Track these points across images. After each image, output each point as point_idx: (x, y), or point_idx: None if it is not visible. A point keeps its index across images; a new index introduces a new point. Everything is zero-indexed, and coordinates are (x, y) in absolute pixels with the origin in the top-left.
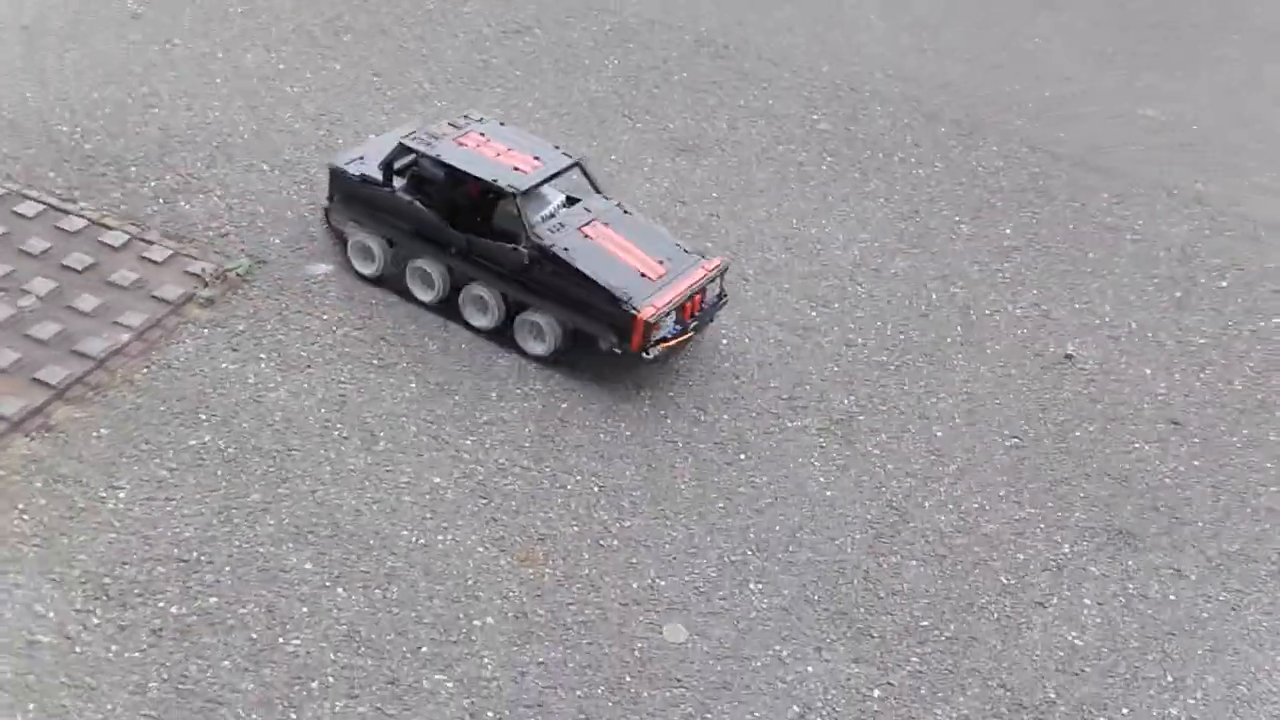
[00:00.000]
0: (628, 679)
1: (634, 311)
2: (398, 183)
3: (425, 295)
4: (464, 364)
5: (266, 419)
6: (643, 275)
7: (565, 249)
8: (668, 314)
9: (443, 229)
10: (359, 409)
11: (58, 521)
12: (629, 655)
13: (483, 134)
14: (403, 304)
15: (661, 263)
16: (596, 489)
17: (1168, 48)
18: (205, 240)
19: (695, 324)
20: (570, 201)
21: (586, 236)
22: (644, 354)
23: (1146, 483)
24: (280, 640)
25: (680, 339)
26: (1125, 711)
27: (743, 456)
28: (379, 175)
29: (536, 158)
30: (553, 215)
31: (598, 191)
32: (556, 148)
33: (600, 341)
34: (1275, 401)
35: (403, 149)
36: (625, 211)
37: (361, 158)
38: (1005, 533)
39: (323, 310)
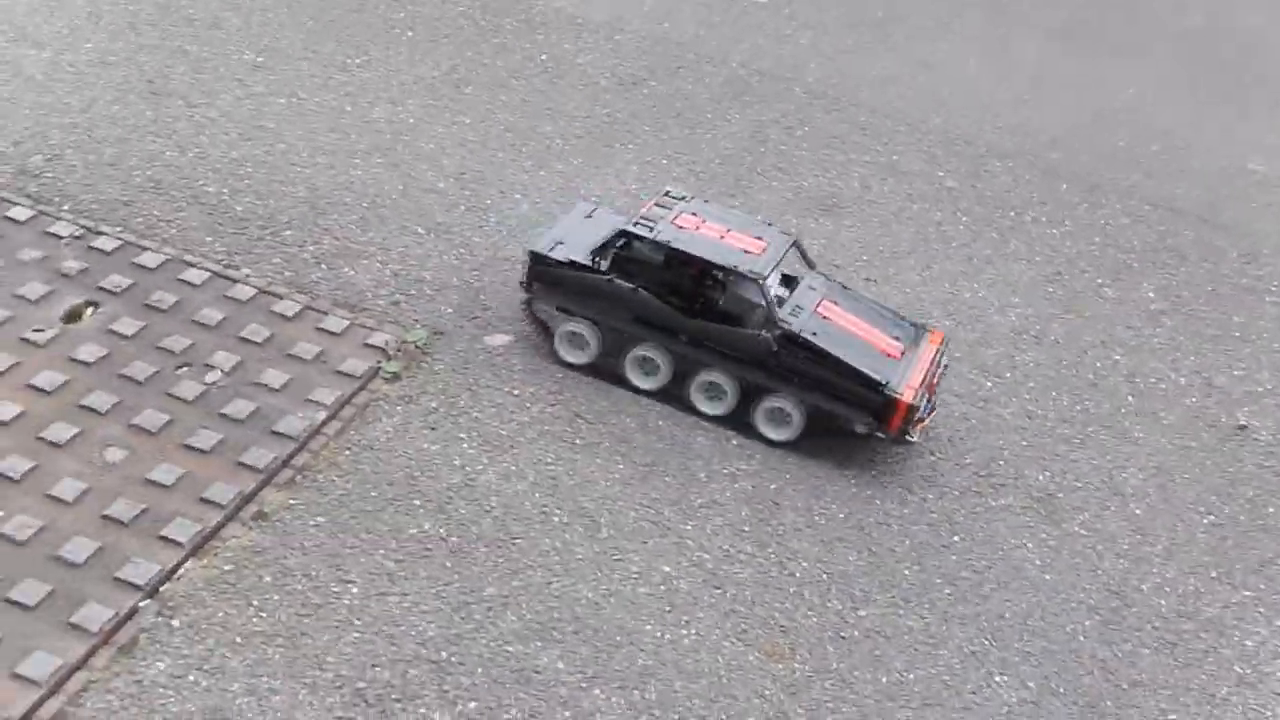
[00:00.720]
0: None
1: (896, 395)
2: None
3: (647, 383)
4: (666, 442)
5: (483, 505)
6: (886, 354)
7: (813, 333)
8: (924, 395)
9: (673, 316)
10: (573, 493)
11: (296, 620)
12: None
13: (694, 213)
14: (587, 378)
15: (896, 338)
16: (824, 576)
17: (1259, 97)
18: (378, 309)
19: (937, 399)
20: (786, 279)
21: (824, 318)
22: (907, 438)
23: None
24: None
25: (931, 416)
26: None
27: (956, 539)
28: (585, 259)
29: (758, 237)
30: (782, 297)
31: (812, 267)
32: (770, 224)
33: (855, 425)
34: None
35: (624, 235)
36: (844, 288)
37: (561, 241)
38: (1226, 617)
39: (512, 386)
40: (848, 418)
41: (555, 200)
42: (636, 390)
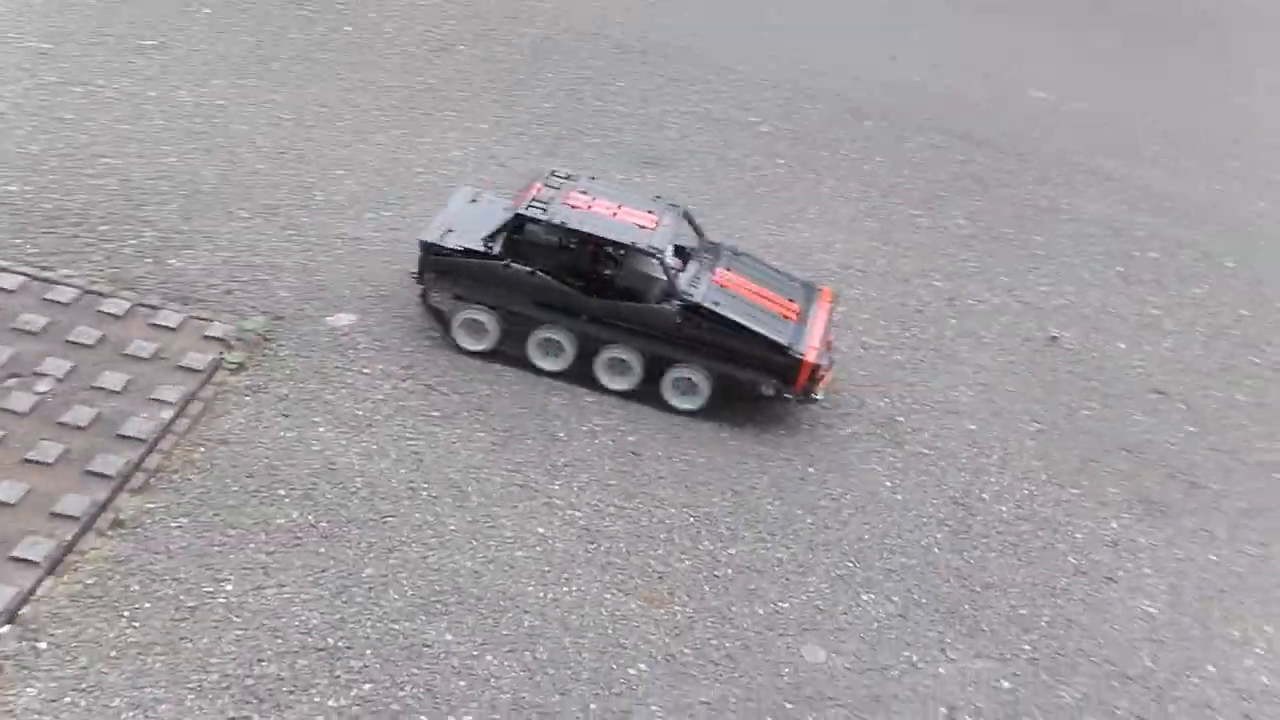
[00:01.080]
0: (789, 705)
1: (800, 356)
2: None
3: (552, 365)
4: (522, 405)
5: (348, 487)
6: (785, 316)
7: (715, 303)
8: (826, 352)
9: (573, 296)
10: (437, 465)
11: (173, 625)
12: (781, 682)
13: (584, 191)
14: (438, 349)
15: (791, 300)
16: (692, 519)
17: (1042, 30)
18: (212, 299)
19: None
20: (679, 250)
21: (723, 286)
22: (811, 396)
23: (1157, 453)
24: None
25: (830, 370)
26: (1211, 669)
27: (811, 470)
28: (478, 246)
29: (649, 211)
30: (679, 269)
31: (701, 236)
32: (658, 197)
33: (762, 387)
34: (1231, 364)
35: (520, 219)
36: (735, 253)
37: (450, 229)
38: (1058, 515)
39: (361, 364)
40: (755, 382)
41: (379, 173)
42: (541, 373)
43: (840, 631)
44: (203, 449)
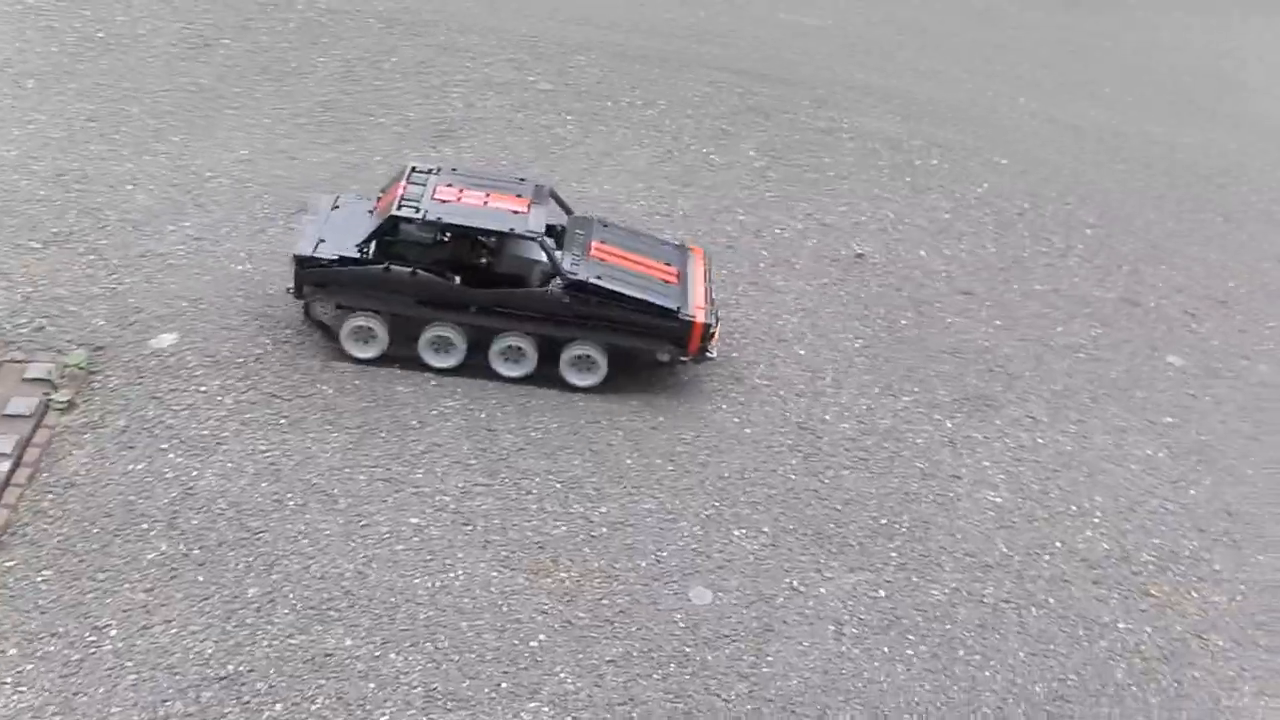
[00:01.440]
0: (688, 649)
1: (691, 319)
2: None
3: (445, 361)
4: (369, 399)
5: (212, 510)
6: (666, 280)
7: (599, 277)
8: (713, 311)
9: (457, 290)
10: (298, 473)
11: (62, 683)
12: (677, 628)
13: (450, 184)
14: (270, 355)
15: (667, 263)
16: (558, 485)
17: None
18: (23, 339)
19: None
20: (551, 229)
21: (601, 259)
22: (706, 355)
23: (974, 351)
24: None
25: (718, 327)
26: (1059, 545)
27: (662, 418)
28: (354, 253)
29: (519, 195)
30: (556, 247)
31: (569, 212)
32: (523, 179)
33: (658, 354)
34: (1022, 256)
35: (394, 221)
36: (604, 224)
37: (322, 239)
38: (899, 425)
39: (196, 383)
40: (650, 350)
41: (169, 183)
42: (436, 371)
43: (721, 570)
44: (51, 495)
